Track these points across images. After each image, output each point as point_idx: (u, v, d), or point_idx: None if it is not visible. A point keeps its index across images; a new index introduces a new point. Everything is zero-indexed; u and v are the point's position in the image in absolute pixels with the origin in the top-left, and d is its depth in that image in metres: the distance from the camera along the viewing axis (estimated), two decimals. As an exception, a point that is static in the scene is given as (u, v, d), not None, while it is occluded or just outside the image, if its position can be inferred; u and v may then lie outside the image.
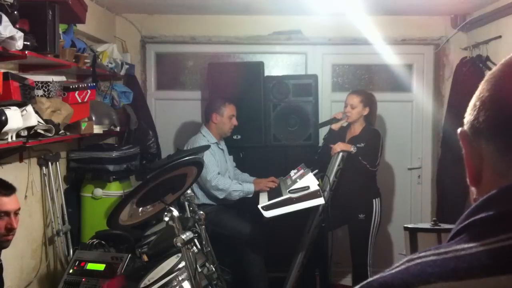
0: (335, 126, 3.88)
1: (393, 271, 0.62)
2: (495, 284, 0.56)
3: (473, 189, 0.70)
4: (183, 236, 2.42)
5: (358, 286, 0.64)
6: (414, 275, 0.59)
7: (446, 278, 0.57)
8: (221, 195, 3.75)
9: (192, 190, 3.60)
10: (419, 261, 0.61)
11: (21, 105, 2.53)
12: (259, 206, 3.27)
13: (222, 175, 3.81)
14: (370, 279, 0.63)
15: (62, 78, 3.26)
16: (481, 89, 0.69)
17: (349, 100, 3.78)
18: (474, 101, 0.69)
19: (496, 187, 0.63)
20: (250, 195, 3.75)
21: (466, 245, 0.60)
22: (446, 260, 0.59)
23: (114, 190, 3.82)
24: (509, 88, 0.65)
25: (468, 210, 0.64)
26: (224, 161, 3.95)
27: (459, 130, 0.71)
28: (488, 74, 0.69)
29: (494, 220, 0.61)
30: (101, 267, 3.12)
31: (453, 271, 0.58)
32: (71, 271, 3.14)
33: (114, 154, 3.79)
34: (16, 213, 2.33)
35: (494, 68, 0.69)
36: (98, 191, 3.76)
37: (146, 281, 2.74)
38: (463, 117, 0.71)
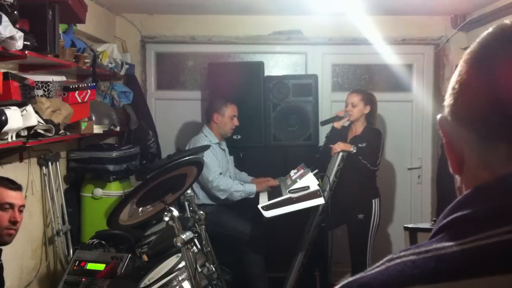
0: (338, 124, 3.87)
1: (374, 271, 0.59)
2: (475, 286, 0.53)
3: (457, 177, 0.67)
4: (183, 236, 2.42)
5: (338, 286, 0.61)
6: (393, 277, 0.57)
7: (425, 280, 0.55)
8: (222, 196, 3.74)
9: (193, 190, 3.60)
10: (398, 261, 0.58)
11: (21, 105, 2.53)
12: (259, 206, 3.27)
13: (224, 175, 3.80)
14: (350, 279, 0.61)
15: (62, 78, 3.26)
16: (459, 70, 0.64)
17: (350, 99, 3.78)
18: (452, 84, 0.65)
19: (479, 176, 0.61)
20: (252, 196, 3.73)
21: (446, 244, 0.57)
22: (426, 260, 0.56)
23: (114, 190, 3.82)
24: (487, 72, 0.61)
25: (450, 206, 0.62)
26: (226, 162, 3.94)
27: (438, 116, 0.67)
28: (465, 54, 0.65)
29: (474, 217, 0.58)
30: (101, 267, 3.12)
31: (432, 272, 0.55)
32: (71, 271, 3.14)
33: (114, 154, 3.79)
34: (20, 209, 2.40)
35: (472, 47, 0.65)
36: (98, 191, 3.76)
37: (146, 281, 2.73)
38: None
